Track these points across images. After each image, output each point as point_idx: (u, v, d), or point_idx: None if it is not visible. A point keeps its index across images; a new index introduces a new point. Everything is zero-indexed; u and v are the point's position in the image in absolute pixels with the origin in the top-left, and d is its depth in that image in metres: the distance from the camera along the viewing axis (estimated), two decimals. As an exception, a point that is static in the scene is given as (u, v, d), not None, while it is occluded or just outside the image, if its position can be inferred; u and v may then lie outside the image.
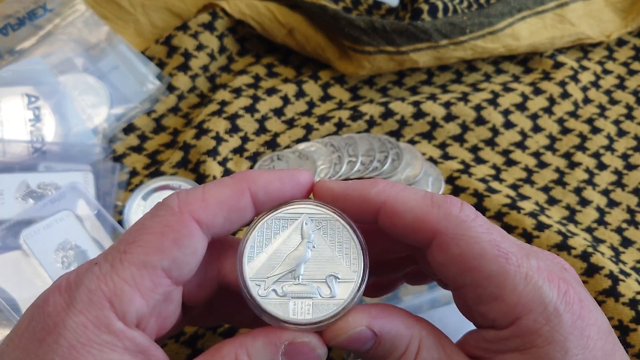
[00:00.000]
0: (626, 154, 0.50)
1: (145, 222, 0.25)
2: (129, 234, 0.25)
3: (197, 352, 0.37)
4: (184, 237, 0.24)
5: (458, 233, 0.25)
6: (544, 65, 0.54)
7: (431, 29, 0.49)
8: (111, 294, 0.23)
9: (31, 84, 0.45)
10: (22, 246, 0.39)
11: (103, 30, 0.50)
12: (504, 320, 0.25)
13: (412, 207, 0.26)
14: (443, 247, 0.25)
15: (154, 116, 0.49)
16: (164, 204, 0.25)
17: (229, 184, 0.26)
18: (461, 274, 0.25)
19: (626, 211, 0.47)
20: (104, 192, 0.43)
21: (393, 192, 0.26)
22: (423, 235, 0.26)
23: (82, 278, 0.24)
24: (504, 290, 0.24)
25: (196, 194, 0.25)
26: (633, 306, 0.39)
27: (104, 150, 0.45)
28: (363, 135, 0.48)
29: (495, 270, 0.25)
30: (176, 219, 0.24)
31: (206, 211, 0.25)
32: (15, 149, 0.43)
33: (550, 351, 0.24)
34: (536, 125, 0.51)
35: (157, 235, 0.24)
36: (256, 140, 0.48)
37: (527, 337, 0.24)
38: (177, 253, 0.24)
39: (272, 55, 0.54)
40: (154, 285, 0.24)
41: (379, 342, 0.25)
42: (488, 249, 0.25)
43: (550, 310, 0.24)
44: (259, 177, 0.26)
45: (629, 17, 0.57)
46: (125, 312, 0.23)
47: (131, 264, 0.24)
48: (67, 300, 0.23)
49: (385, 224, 0.26)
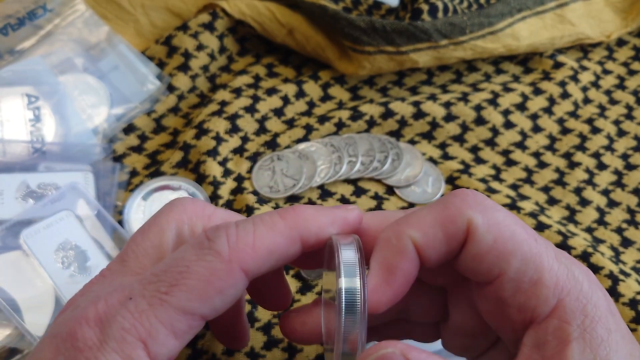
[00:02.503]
0: (626, 154, 0.50)
1: (191, 265, 0.23)
2: (171, 273, 0.23)
3: (197, 352, 0.37)
4: (229, 288, 0.24)
5: (487, 218, 0.24)
6: (544, 65, 0.54)
7: (431, 29, 0.49)
8: (146, 334, 0.23)
9: (31, 84, 0.45)
10: (22, 246, 0.38)
11: (103, 30, 0.50)
12: (546, 307, 0.24)
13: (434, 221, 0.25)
14: (476, 237, 0.24)
15: (154, 116, 0.49)
16: (213, 248, 0.24)
17: (283, 232, 0.25)
18: (497, 262, 0.24)
19: (626, 211, 0.47)
20: (104, 192, 0.43)
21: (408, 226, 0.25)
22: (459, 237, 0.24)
23: (114, 313, 0.23)
24: (542, 272, 0.24)
25: (247, 240, 0.24)
26: (633, 306, 0.39)
27: (104, 150, 0.45)
28: (363, 135, 0.48)
29: (529, 252, 0.24)
30: (224, 268, 0.23)
31: (256, 262, 0.24)
32: (15, 149, 0.43)
33: (600, 332, 0.23)
34: (536, 125, 0.51)
35: (203, 283, 0.23)
36: (256, 141, 0.48)
37: (574, 321, 0.23)
38: (219, 302, 0.24)
39: (272, 55, 0.54)
40: (189, 328, 0.23)
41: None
42: (519, 232, 0.24)
43: (586, 288, 0.24)
44: (312, 222, 0.25)
45: (629, 17, 0.57)
46: (158, 353, 0.23)
47: (171, 306, 0.23)
48: (100, 337, 0.23)
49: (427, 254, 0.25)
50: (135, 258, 0.26)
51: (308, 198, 0.45)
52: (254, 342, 0.37)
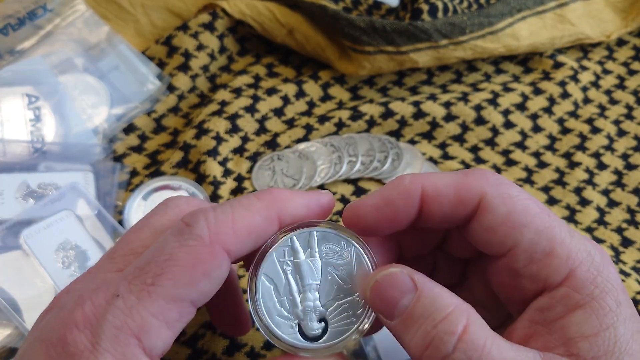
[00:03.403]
0: (626, 154, 0.50)
1: (174, 252, 0.23)
2: (154, 263, 0.23)
3: (197, 352, 0.37)
4: (214, 270, 0.24)
5: (502, 192, 0.25)
6: (544, 65, 0.54)
7: (431, 29, 0.49)
8: (139, 329, 0.22)
9: (31, 84, 0.45)
10: (22, 246, 0.39)
11: (103, 30, 0.50)
12: (558, 276, 0.24)
13: (450, 183, 0.25)
14: (490, 209, 0.25)
15: (154, 116, 0.49)
16: (193, 232, 0.24)
17: (260, 211, 0.25)
18: (511, 234, 0.25)
19: (626, 211, 0.47)
20: (104, 192, 0.43)
21: (424, 177, 0.26)
22: (469, 204, 0.25)
23: (104, 313, 0.23)
24: (555, 244, 0.24)
25: (226, 222, 0.24)
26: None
27: (104, 150, 0.45)
28: (363, 135, 0.48)
29: (542, 224, 0.25)
30: (207, 251, 0.23)
31: (236, 242, 0.24)
32: (15, 149, 0.43)
33: (608, 302, 0.24)
34: (536, 125, 0.51)
35: (188, 268, 0.23)
36: (256, 140, 0.48)
37: (583, 290, 0.24)
38: (206, 285, 0.24)
39: (272, 55, 0.54)
40: (181, 316, 0.23)
41: (419, 297, 0.23)
42: (532, 206, 0.25)
43: (598, 261, 0.24)
44: (288, 203, 0.26)
45: (629, 17, 0.57)
46: (153, 347, 0.23)
47: (160, 297, 0.23)
48: (91, 339, 0.22)
49: (429, 210, 0.26)
50: (123, 256, 0.26)
51: (308, 198, 0.45)
52: (254, 342, 0.37)
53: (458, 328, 0.23)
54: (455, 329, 0.23)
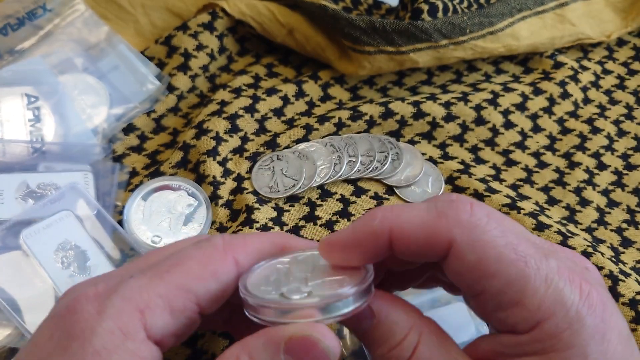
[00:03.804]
0: (626, 154, 0.50)
1: (188, 250, 0.26)
2: (171, 258, 0.26)
3: (197, 352, 0.37)
4: (223, 272, 0.26)
5: (472, 239, 0.24)
6: (544, 65, 0.54)
7: (431, 29, 0.49)
8: (144, 305, 0.24)
9: (31, 84, 0.45)
10: (22, 246, 0.38)
11: (103, 30, 0.50)
12: (525, 325, 0.24)
13: (419, 225, 0.25)
14: (459, 256, 0.24)
15: (153, 116, 0.49)
16: (209, 240, 0.27)
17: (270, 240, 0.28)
18: (479, 281, 0.24)
19: (626, 211, 0.46)
20: (104, 192, 0.43)
21: (394, 216, 0.25)
22: (438, 250, 0.25)
23: (115, 288, 0.24)
24: (525, 295, 0.24)
25: (239, 239, 0.27)
26: (633, 306, 0.39)
27: (103, 150, 0.45)
28: (363, 135, 0.48)
29: (514, 274, 0.24)
30: (219, 255, 0.26)
31: (245, 255, 0.27)
32: (15, 149, 0.43)
33: (569, 356, 0.23)
34: (536, 125, 0.51)
35: (199, 264, 0.26)
36: (256, 140, 0.48)
37: (547, 342, 0.24)
38: (213, 285, 0.26)
39: (272, 55, 0.54)
40: (184, 308, 0.25)
41: (377, 324, 0.25)
42: (505, 253, 0.24)
43: (572, 314, 0.23)
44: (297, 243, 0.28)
45: (629, 17, 0.57)
46: (152, 325, 0.24)
47: (170, 283, 0.25)
48: (99, 308, 0.24)
49: (400, 250, 0.25)
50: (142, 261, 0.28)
51: (308, 198, 0.45)
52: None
53: (407, 352, 0.25)
54: (406, 353, 0.25)
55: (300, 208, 0.44)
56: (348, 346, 0.37)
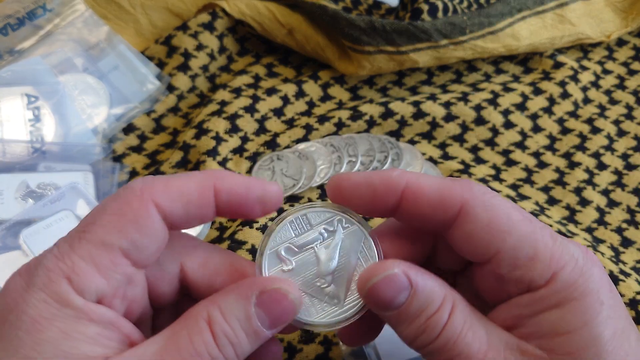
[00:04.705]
0: (626, 154, 0.50)
1: (106, 203, 0.25)
2: (90, 215, 0.25)
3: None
4: (142, 218, 0.25)
5: (484, 200, 0.25)
6: (544, 65, 0.54)
7: (431, 29, 0.49)
8: (69, 271, 0.24)
9: (31, 84, 0.45)
10: (21, 246, 0.38)
11: (103, 30, 0.50)
12: (541, 279, 0.25)
13: (435, 185, 0.26)
14: (471, 216, 0.25)
15: (153, 116, 0.49)
16: (127, 186, 0.25)
17: (195, 178, 0.26)
18: (493, 241, 0.25)
19: (626, 211, 0.46)
20: (104, 192, 0.43)
21: (412, 174, 0.27)
22: (449, 209, 0.26)
23: (40, 260, 0.24)
24: (538, 249, 0.25)
25: (160, 180, 0.26)
26: (633, 306, 0.39)
27: (103, 150, 0.45)
28: (363, 135, 0.48)
29: (524, 231, 0.25)
30: (136, 200, 0.25)
31: (166, 197, 0.25)
32: (15, 149, 0.43)
33: (588, 302, 0.24)
34: (536, 125, 0.51)
35: (116, 215, 0.25)
36: (256, 140, 0.48)
37: (564, 292, 0.25)
38: (135, 234, 0.24)
39: (272, 55, 0.54)
40: (113, 265, 0.24)
41: (414, 294, 0.25)
42: (514, 214, 0.25)
43: (581, 264, 0.25)
44: (227, 179, 0.26)
45: (629, 17, 0.57)
46: (84, 288, 0.24)
47: (89, 242, 0.24)
48: (27, 280, 0.24)
49: (409, 205, 0.26)
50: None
51: (308, 198, 0.45)
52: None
53: (445, 317, 0.25)
54: (443, 319, 0.25)
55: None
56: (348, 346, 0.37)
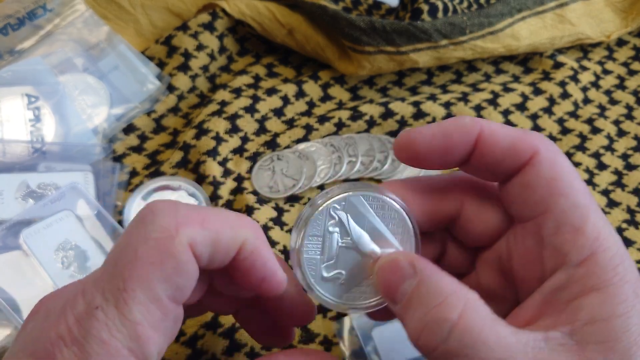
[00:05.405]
0: (626, 154, 0.50)
1: (139, 250, 0.23)
2: (121, 265, 0.23)
3: (197, 352, 0.37)
4: (183, 263, 0.23)
5: (554, 157, 0.25)
6: (544, 65, 0.54)
7: (431, 29, 0.49)
8: (128, 341, 0.22)
9: (31, 84, 0.45)
10: (22, 246, 0.39)
11: (103, 30, 0.50)
12: (579, 255, 0.24)
13: (508, 132, 0.26)
14: (537, 167, 0.25)
15: (154, 116, 0.49)
16: (157, 223, 0.23)
17: (232, 224, 0.25)
18: (548, 199, 0.25)
19: (626, 211, 0.47)
20: (104, 192, 0.43)
21: (485, 121, 0.26)
22: (521, 156, 0.25)
23: (87, 327, 0.22)
24: (587, 222, 0.24)
25: (196, 218, 0.24)
26: (633, 306, 0.39)
27: (104, 150, 0.45)
28: (363, 135, 0.48)
29: (580, 201, 0.25)
30: (174, 245, 0.23)
31: (203, 239, 0.24)
32: (15, 149, 0.43)
33: (625, 291, 0.23)
34: (536, 125, 0.51)
35: (157, 265, 0.23)
36: (256, 141, 0.48)
37: (604, 275, 0.24)
38: (179, 279, 0.23)
39: (272, 55, 0.54)
40: (164, 315, 0.23)
41: (418, 283, 0.24)
42: (577, 180, 0.25)
43: (622, 252, 0.24)
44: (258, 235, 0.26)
45: (629, 17, 0.57)
46: (147, 355, 0.23)
47: (137, 303, 0.22)
48: (80, 356, 0.22)
49: (483, 152, 0.26)
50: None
51: (308, 198, 0.45)
52: (253, 342, 0.37)
53: (453, 315, 0.23)
54: (449, 315, 0.23)
55: (300, 208, 0.44)
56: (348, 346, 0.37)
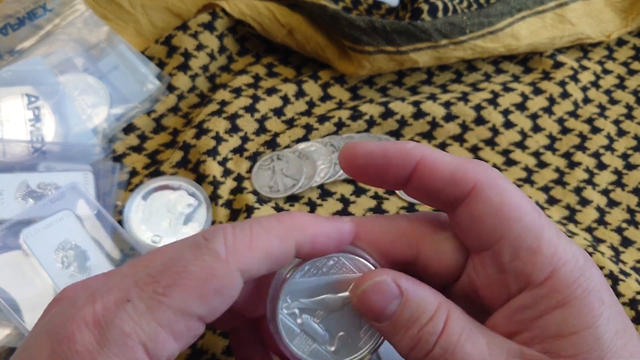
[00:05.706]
0: (626, 153, 0.50)
1: (188, 265, 0.23)
2: (168, 274, 0.23)
3: (197, 352, 0.37)
4: (226, 288, 0.24)
5: (497, 183, 0.25)
6: (544, 65, 0.54)
7: (431, 28, 0.49)
8: (146, 338, 0.22)
9: (31, 84, 0.45)
10: (22, 246, 0.38)
11: (103, 30, 0.50)
12: (541, 274, 0.24)
13: (449, 161, 0.26)
14: (482, 197, 0.25)
15: (153, 116, 0.49)
16: (210, 247, 0.24)
17: (278, 234, 0.25)
18: (500, 226, 0.25)
19: (626, 211, 0.47)
20: (104, 192, 0.43)
21: (427, 148, 0.26)
22: (462, 186, 0.25)
23: (112, 317, 0.23)
24: (542, 242, 0.24)
25: (244, 241, 0.24)
26: (633, 306, 0.39)
27: (104, 150, 0.45)
28: (363, 135, 0.48)
29: (531, 221, 0.25)
30: (222, 268, 0.23)
31: (252, 262, 0.24)
32: (15, 149, 0.43)
33: (590, 301, 0.24)
34: (536, 125, 0.51)
35: (200, 283, 0.23)
36: (256, 140, 0.48)
37: (566, 290, 0.24)
38: (217, 302, 0.24)
39: (272, 55, 0.54)
40: (188, 330, 0.23)
41: (405, 303, 0.25)
42: (525, 202, 0.25)
43: (582, 263, 0.24)
44: (308, 228, 0.26)
45: (629, 17, 0.57)
46: (159, 357, 0.23)
47: (169, 308, 0.23)
48: (99, 340, 0.22)
49: (422, 178, 0.26)
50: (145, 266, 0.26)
51: (308, 198, 0.45)
52: (253, 342, 0.37)
53: (440, 327, 0.24)
54: (437, 328, 0.24)
55: (300, 208, 0.44)
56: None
